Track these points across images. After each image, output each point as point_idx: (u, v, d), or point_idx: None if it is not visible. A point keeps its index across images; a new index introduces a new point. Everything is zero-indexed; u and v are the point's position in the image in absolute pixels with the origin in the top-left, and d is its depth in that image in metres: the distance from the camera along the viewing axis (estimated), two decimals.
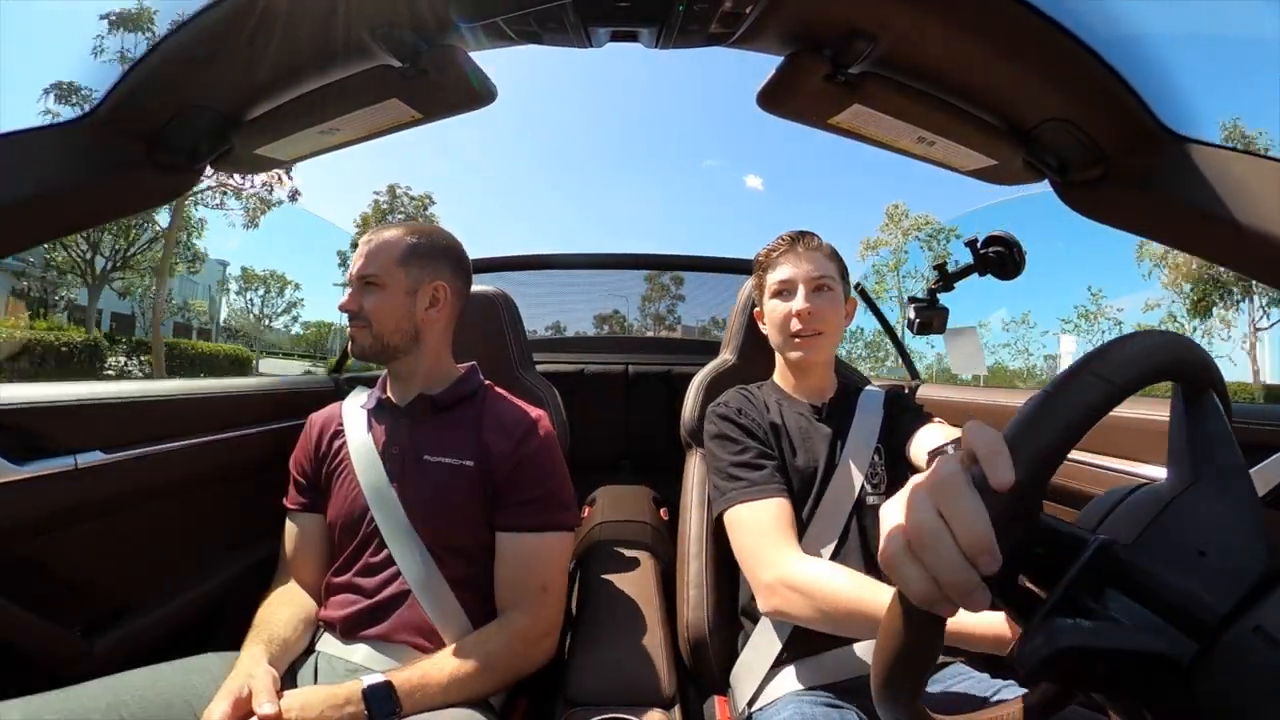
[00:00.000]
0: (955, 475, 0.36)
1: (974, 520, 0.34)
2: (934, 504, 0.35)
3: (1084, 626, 0.36)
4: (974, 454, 0.36)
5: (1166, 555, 0.39)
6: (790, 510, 0.99)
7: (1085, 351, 0.42)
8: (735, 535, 1.01)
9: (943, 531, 0.34)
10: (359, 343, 1.04)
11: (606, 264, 2.75)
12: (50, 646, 0.93)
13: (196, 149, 0.68)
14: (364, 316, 1.02)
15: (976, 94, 0.63)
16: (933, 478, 0.37)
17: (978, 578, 0.34)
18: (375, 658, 0.93)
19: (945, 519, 0.35)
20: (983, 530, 0.33)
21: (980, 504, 0.34)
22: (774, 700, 0.94)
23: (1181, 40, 0.56)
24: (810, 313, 1.05)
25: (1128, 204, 0.61)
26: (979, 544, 0.33)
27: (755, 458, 1.03)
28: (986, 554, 0.33)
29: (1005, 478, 0.34)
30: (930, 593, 0.35)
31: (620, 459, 2.23)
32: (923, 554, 0.35)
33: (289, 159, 0.84)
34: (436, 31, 0.60)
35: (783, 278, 1.09)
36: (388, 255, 1.03)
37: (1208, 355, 0.46)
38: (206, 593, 1.21)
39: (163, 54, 0.56)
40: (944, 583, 0.34)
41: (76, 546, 1.00)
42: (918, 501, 0.36)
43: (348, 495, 1.02)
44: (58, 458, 0.94)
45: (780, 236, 1.13)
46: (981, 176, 0.77)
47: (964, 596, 0.34)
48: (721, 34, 0.61)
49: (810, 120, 0.72)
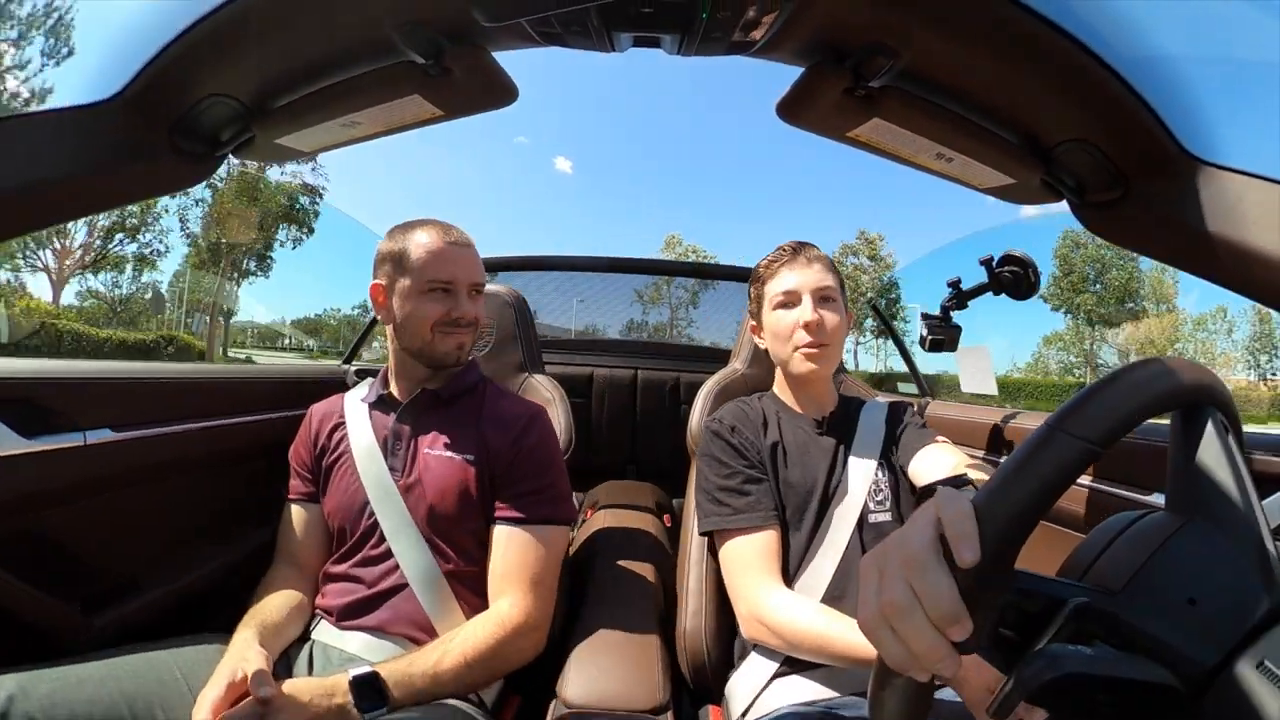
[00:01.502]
0: (925, 550, 0.37)
1: (941, 596, 0.35)
2: (906, 578, 0.37)
3: (1084, 654, 0.36)
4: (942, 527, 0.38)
5: (1154, 606, 0.38)
6: (771, 539, 0.99)
7: None
8: (720, 561, 1.03)
9: (914, 606, 0.36)
10: (468, 349, 1.07)
11: (620, 268, 2.75)
12: (50, 620, 0.94)
13: (217, 137, 0.69)
14: (479, 324, 1.07)
15: (997, 112, 0.63)
16: (903, 553, 0.38)
17: (948, 646, 0.35)
18: (370, 648, 0.94)
19: (915, 594, 0.36)
20: (950, 605, 0.35)
21: (949, 580, 0.36)
22: (769, 713, 0.93)
23: (1204, 62, 0.55)
24: (819, 323, 1.04)
25: (1145, 226, 0.60)
26: (947, 618, 0.35)
27: (742, 483, 1.02)
28: (955, 626, 0.35)
29: (969, 558, 0.35)
30: (904, 660, 0.37)
31: (625, 464, 2.23)
32: (896, 625, 0.36)
33: (309, 150, 0.85)
34: (460, 31, 0.61)
35: (787, 288, 1.06)
36: (481, 264, 1.08)
37: (1207, 374, 0.43)
38: (208, 574, 1.22)
39: (189, 41, 0.57)
40: (915, 652, 0.35)
41: (81, 523, 1.00)
42: (890, 573, 0.38)
43: (348, 488, 1.03)
44: (68, 433, 0.95)
45: (780, 247, 1.12)
46: (1000, 195, 0.76)
47: (935, 664, 0.35)
48: (744, 43, 0.61)
49: (829, 132, 0.71)
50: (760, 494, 1.02)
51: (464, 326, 1.04)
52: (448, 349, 1.03)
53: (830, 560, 0.98)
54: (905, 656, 0.36)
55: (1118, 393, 0.39)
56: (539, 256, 2.61)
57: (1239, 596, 0.37)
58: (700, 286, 3.70)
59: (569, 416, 1.32)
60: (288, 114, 0.71)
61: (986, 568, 0.35)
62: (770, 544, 0.99)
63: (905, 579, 0.37)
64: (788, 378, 1.14)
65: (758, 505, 1.01)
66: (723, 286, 3.15)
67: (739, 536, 1.00)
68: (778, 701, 0.94)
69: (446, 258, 1.02)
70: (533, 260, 2.60)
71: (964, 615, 0.34)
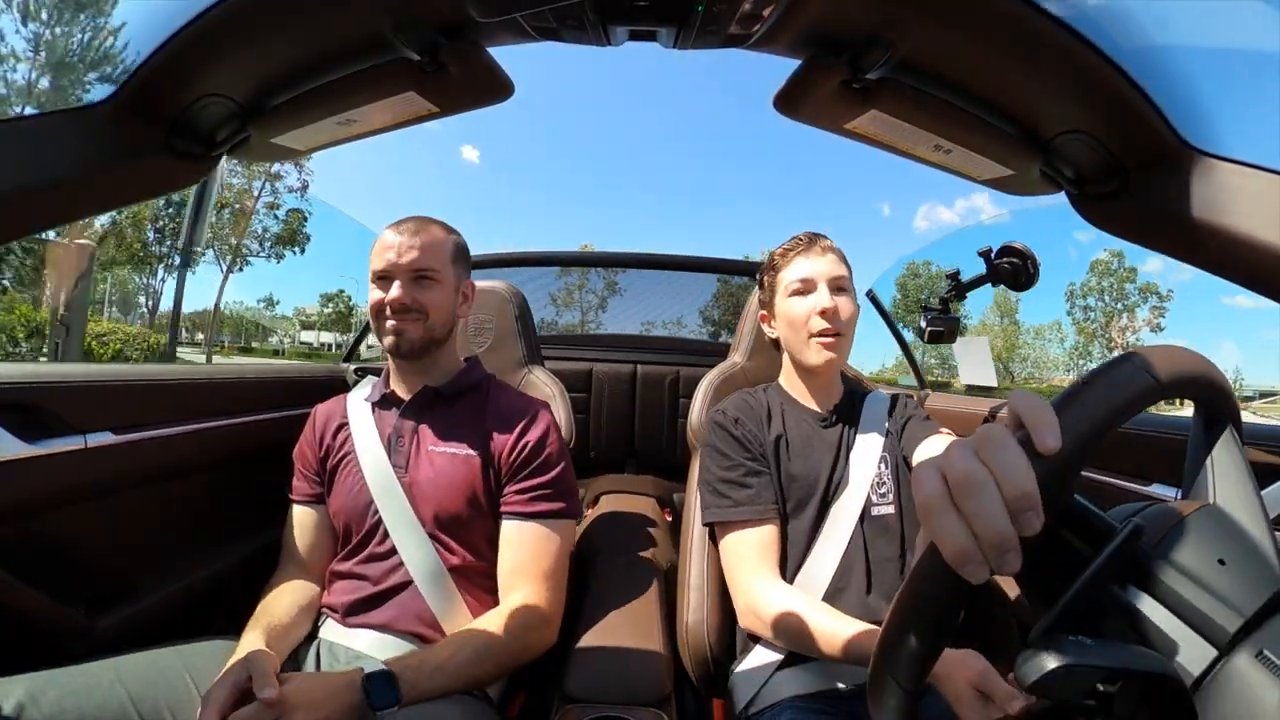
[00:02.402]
0: (1002, 432, 0.35)
1: (1022, 473, 0.33)
2: (979, 453, 0.34)
3: (1084, 644, 0.36)
4: (1020, 420, 0.35)
5: (1188, 558, 0.40)
6: (770, 533, 1.01)
7: None
8: (720, 553, 1.05)
9: (989, 482, 0.33)
10: (408, 336, 1.03)
11: (609, 262, 2.75)
12: (55, 623, 0.94)
13: (213, 137, 0.69)
14: (419, 310, 1.03)
15: (995, 103, 0.62)
16: (978, 434, 0.35)
17: (1016, 536, 0.32)
18: (377, 645, 0.94)
19: (991, 470, 0.33)
20: (1028, 483, 0.32)
21: (1027, 461, 0.33)
22: (771, 705, 0.94)
23: (1203, 53, 0.55)
24: (835, 310, 1.04)
25: (1144, 218, 0.60)
26: (1025, 498, 0.32)
27: (743, 475, 1.03)
28: (1031, 510, 0.32)
29: (1052, 443, 0.34)
30: (966, 549, 0.33)
31: (626, 458, 2.23)
32: (965, 502, 0.33)
33: (305, 149, 0.84)
34: (455, 27, 0.60)
35: (804, 275, 1.07)
36: (442, 251, 1.06)
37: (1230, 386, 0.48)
38: (210, 576, 1.23)
39: (183, 41, 0.57)
40: (983, 536, 0.32)
41: (84, 526, 1.01)
42: (962, 452, 0.35)
43: (353, 487, 1.03)
44: (68, 437, 0.95)
45: (796, 236, 1.13)
46: (998, 186, 0.76)
47: (1000, 554, 0.32)
48: (740, 35, 0.61)
49: (827, 125, 0.71)
50: (761, 487, 1.02)
51: (398, 313, 1.02)
52: (388, 337, 1.03)
53: (833, 553, 0.99)
54: (968, 545, 0.33)
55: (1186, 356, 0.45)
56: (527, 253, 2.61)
57: (1261, 569, 0.38)
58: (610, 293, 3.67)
59: (569, 411, 1.32)
60: (283, 113, 0.70)
61: (1059, 466, 0.34)
62: (768, 538, 1.00)
63: (979, 454, 0.34)
64: (798, 367, 1.14)
65: (758, 499, 1.01)
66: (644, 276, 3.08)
67: (738, 530, 1.01)
68: (780, 693, 0.94)
69: (385, 246, 1.03)
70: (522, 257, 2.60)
71: (1039, 502, 0.32)
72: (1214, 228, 0.52)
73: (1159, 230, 0.60)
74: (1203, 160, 0.53)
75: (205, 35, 0.56)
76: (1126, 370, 0.40)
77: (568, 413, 1.32)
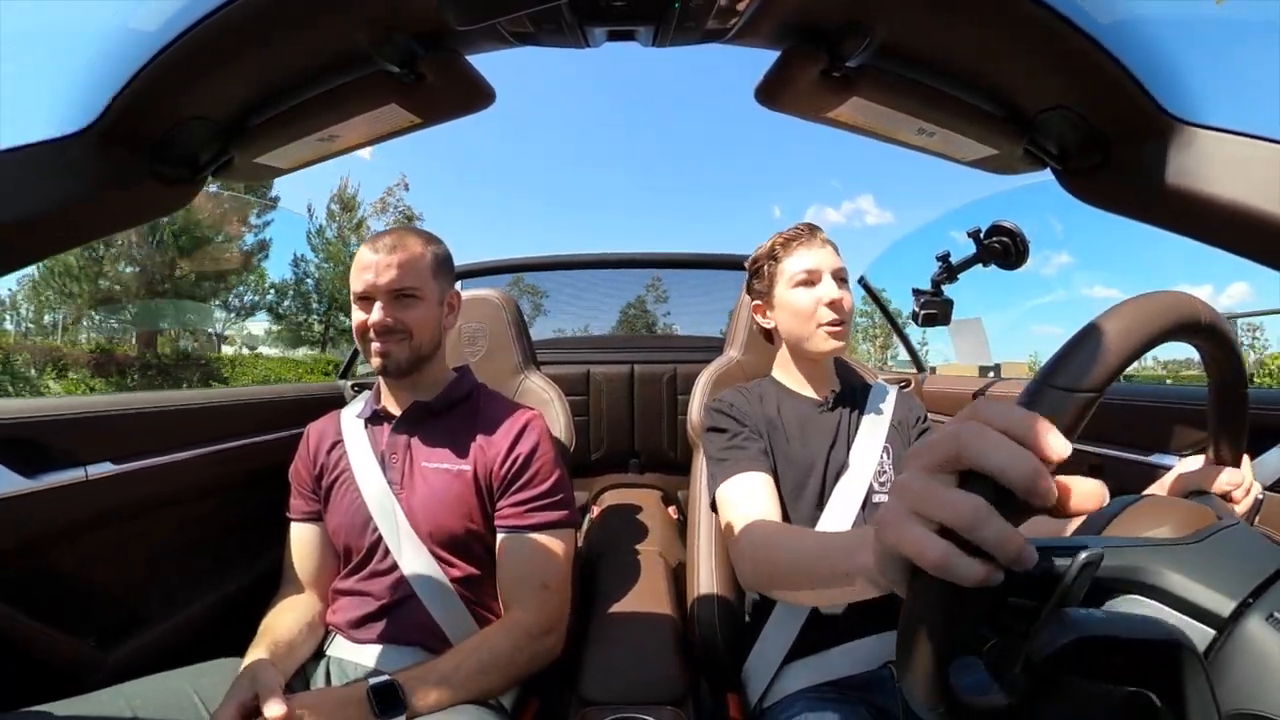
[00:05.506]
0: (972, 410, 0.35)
1: (1025, 415, 0.33)
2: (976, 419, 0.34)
3: (1097, 616, 0.36)
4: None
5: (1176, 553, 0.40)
6: (759, 480, 0.99)
7: None
8: (720, 517, 1.02)
9: (1010, 407, 0.33)
10: (394, 357, 1.02)
11: (606, 264, 2.75)
12: (65, 656, 0.94)
13: (197, 159, 0.69)
14: (403, 330, 1.01)
15: (975, 83, 0.63)
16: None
17: (1040, 462, 0.31)
18: (386, 660, 0.94)
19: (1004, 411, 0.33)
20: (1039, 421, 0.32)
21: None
22: (785, 696, 0.94)
23: (1180, 22, 0.56)
24: (841, 301, 1.06)
25: (1129, 190, 0.61)
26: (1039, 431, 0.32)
27: (742, 440, 1.04)
28: (1048, 434, 0.32)
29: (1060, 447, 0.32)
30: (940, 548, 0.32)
31: (628, 459, 2.24)
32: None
33: (289, 167, 0.84)
34: (433, 36, 0.60)
35: (809, 266, 1.08)
36: (421, 266, 1.03)
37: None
38: (218, 600, 1.22)
39: (160, 66, 0.56)
40: (1013, 474, 0.31)
41: (89, 557, 1.00)
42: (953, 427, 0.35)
43: (350, 505, 1.03)
44: (69, 469, 0.94)
45: (797, 226, 1.13)
46: (983, 167, 0.77)
47: (1034, 483, 0.31)
48: (717, 30, 0.61)
49: (809, 115, 0.71)
50: (758, 450, 1.03)
51: (382, 335, 1.01)
52: (374, 358, 1.03)
53: None
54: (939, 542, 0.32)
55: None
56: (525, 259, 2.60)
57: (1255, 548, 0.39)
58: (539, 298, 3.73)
59: (569, 415, 1.32)
60: (265, 132, 0.70)
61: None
62: (756, 485, 0.98)
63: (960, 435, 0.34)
64: (797, 356, 1.14)
65: (756, 457, 1.01)
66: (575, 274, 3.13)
67: (729, 481, 1.00)
68: (793, 685, 0.95)
69: (363, 266, 1.01)
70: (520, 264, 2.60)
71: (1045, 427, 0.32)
72: (1198, 195, 0.52)
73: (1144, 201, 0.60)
74: (1184, 129, 0.54)
75: (182, 58, 0.56)
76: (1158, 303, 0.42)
77: (567, 416, 1.32)
